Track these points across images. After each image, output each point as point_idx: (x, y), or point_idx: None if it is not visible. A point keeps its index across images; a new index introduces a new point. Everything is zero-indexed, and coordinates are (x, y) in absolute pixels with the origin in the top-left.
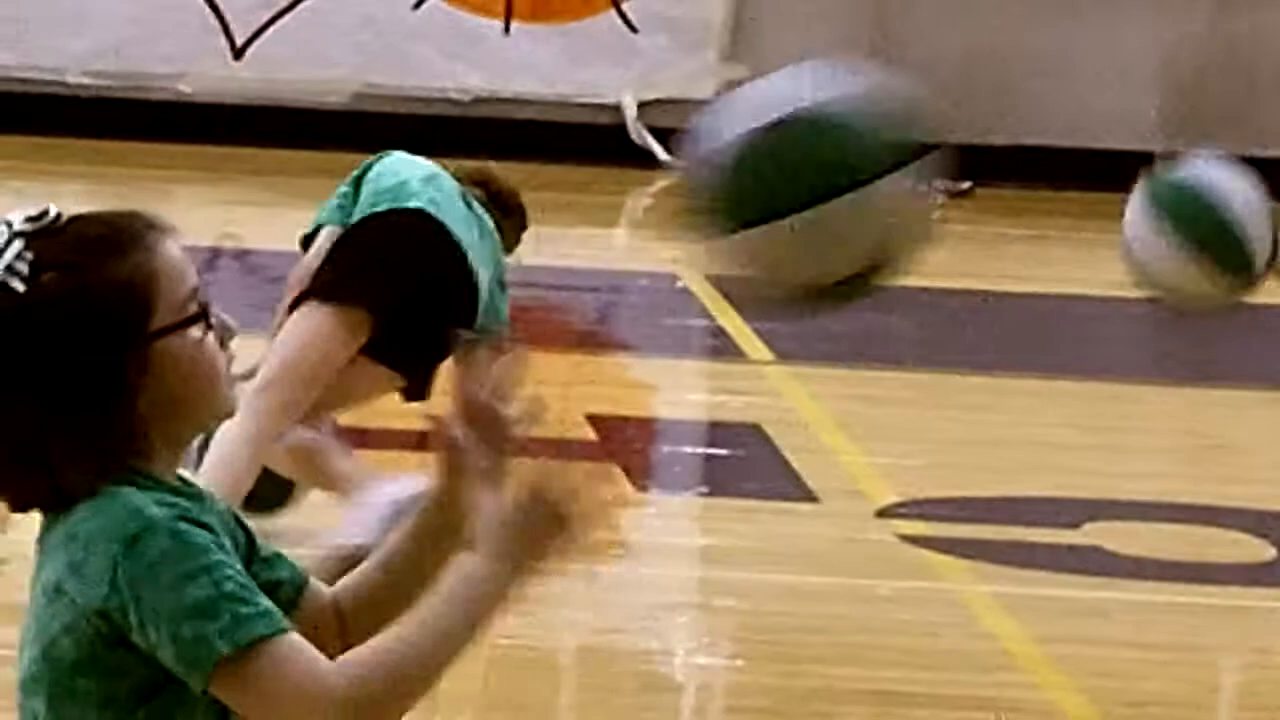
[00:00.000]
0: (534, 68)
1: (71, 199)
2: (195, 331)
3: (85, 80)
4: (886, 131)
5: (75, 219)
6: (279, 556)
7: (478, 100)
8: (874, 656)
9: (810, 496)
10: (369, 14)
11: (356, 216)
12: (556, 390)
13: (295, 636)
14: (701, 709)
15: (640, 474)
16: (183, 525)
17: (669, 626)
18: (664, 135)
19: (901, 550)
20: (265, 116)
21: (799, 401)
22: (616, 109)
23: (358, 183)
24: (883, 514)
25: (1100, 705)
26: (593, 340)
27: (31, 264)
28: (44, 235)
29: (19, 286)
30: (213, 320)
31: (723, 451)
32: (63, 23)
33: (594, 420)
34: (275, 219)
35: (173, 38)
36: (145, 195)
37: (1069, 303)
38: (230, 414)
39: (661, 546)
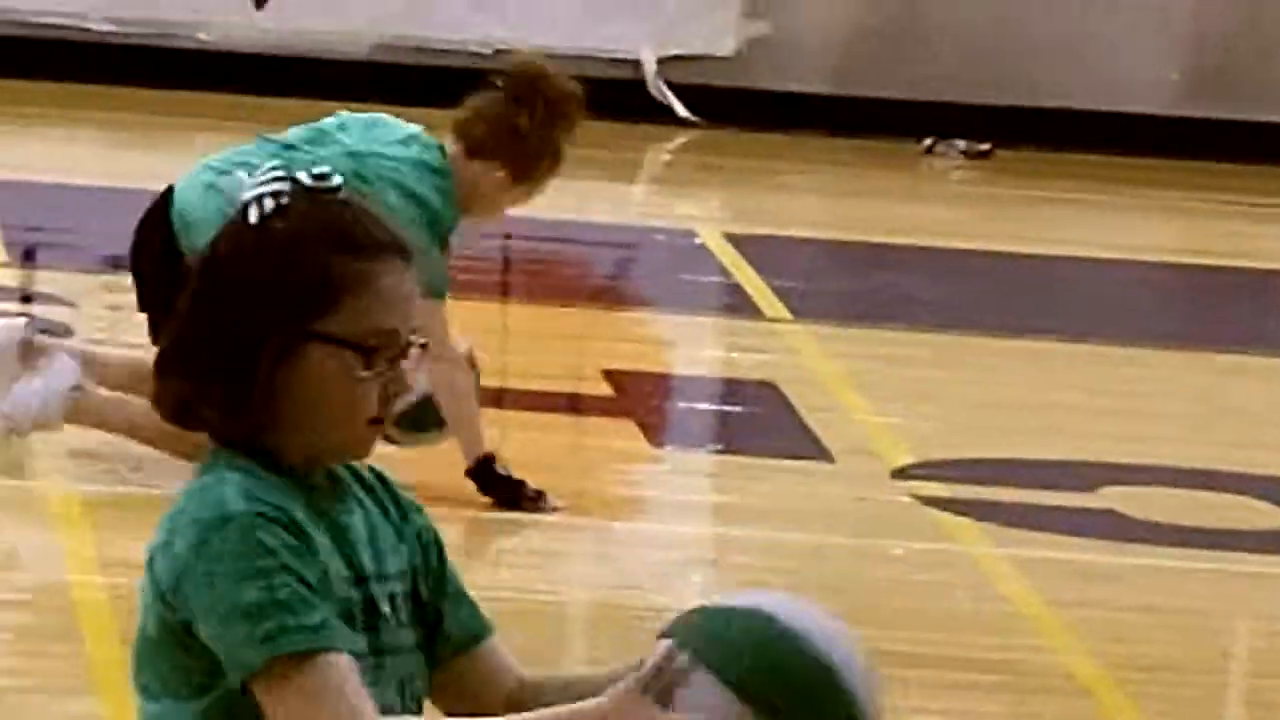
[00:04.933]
0: (556, 21)
1: (90, 145)
2: (352, 361)
3: (107, 27)
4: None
5: (347, 204)
6: (466, 601)
7: (499, 53)
8: (886, 617)
9: (825, 456)
10: None
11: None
12: (573, 345)
13: (346, 660)
14: None
15: (656, 430)
16: (259, 523)
17: (682, 583)
18: (684, 91)
19: (916, 511)
20: (285, 66)
21: (815, 360)
22: (637, 64)
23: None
24: (898, 475)
25: (1111, 669)
26: (610, 295)
27: (277, 208)
28: (310, 194)
29: (253, 217)
30: (386, 371)
31: (738, 409)
32: None
33: (610, 375)
34: None
35: None
36: (166, 143)
37: (1086, 266)
38: (358, 457)
39: (675, 503)
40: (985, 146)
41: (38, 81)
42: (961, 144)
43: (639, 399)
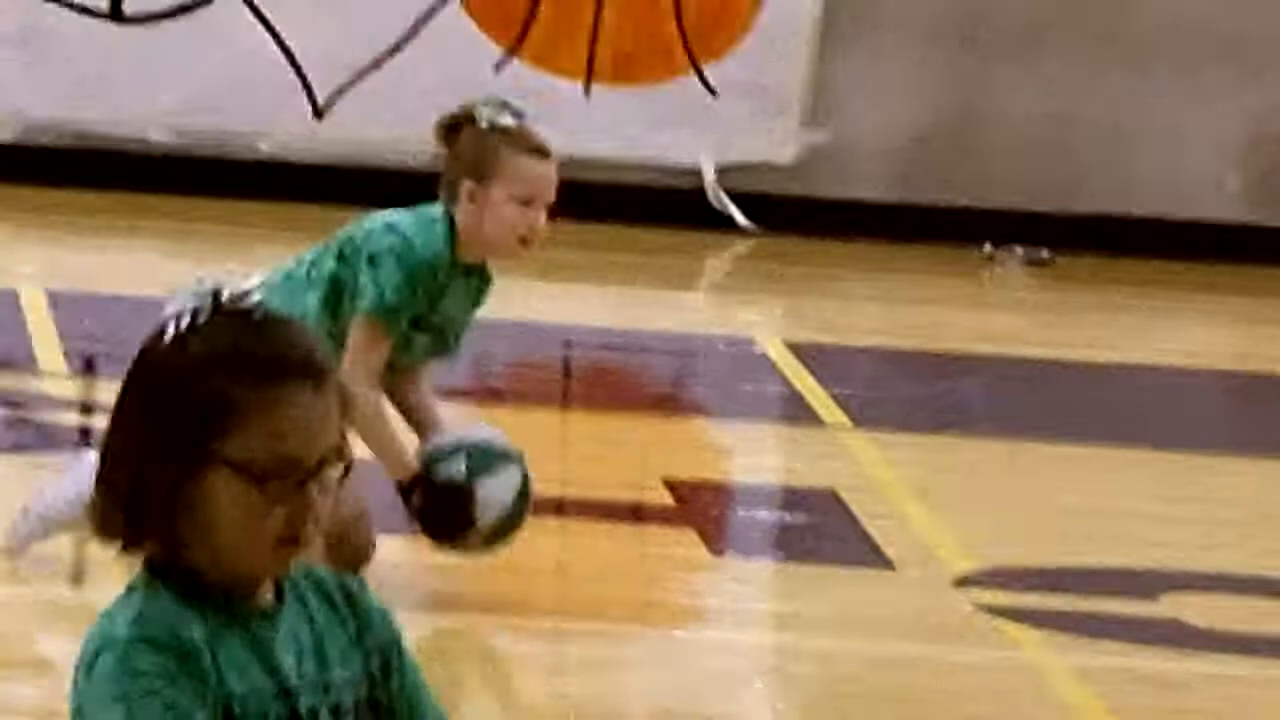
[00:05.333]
0: (614, 130)
1: (152, 255)
2: (249, 486)
3: (167, 137)
4: None
5: (265, 323)
6: (422, 713)
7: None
8: None
9: (886, 563)
10: (450, 75)
11: None
12: (634, 453)
13: None
14: None
15: (717, 538)
16: (137, 648)
17: (745, 692)
18: (744, 199)
19: (978, 619)
20: (345, 176)
21: (875, 468)
22: (696, 173)
23: None
24: (959, 582)
25: None
26: (670, 403)
27: (191, 325)
28: (229, 316)
29: (168, 335)
30: (289, 496)
31: (799, 517)
32: (147, 79)
33: (670, 484)
34: None
35: (255, 96)
36: (225, 253)
37: (1146, 372)
38: (272, 576)
39: (737, 611)
40: (1046, 254)
41: (99, 192)
42: (1021, 251)
43: (700, 507)
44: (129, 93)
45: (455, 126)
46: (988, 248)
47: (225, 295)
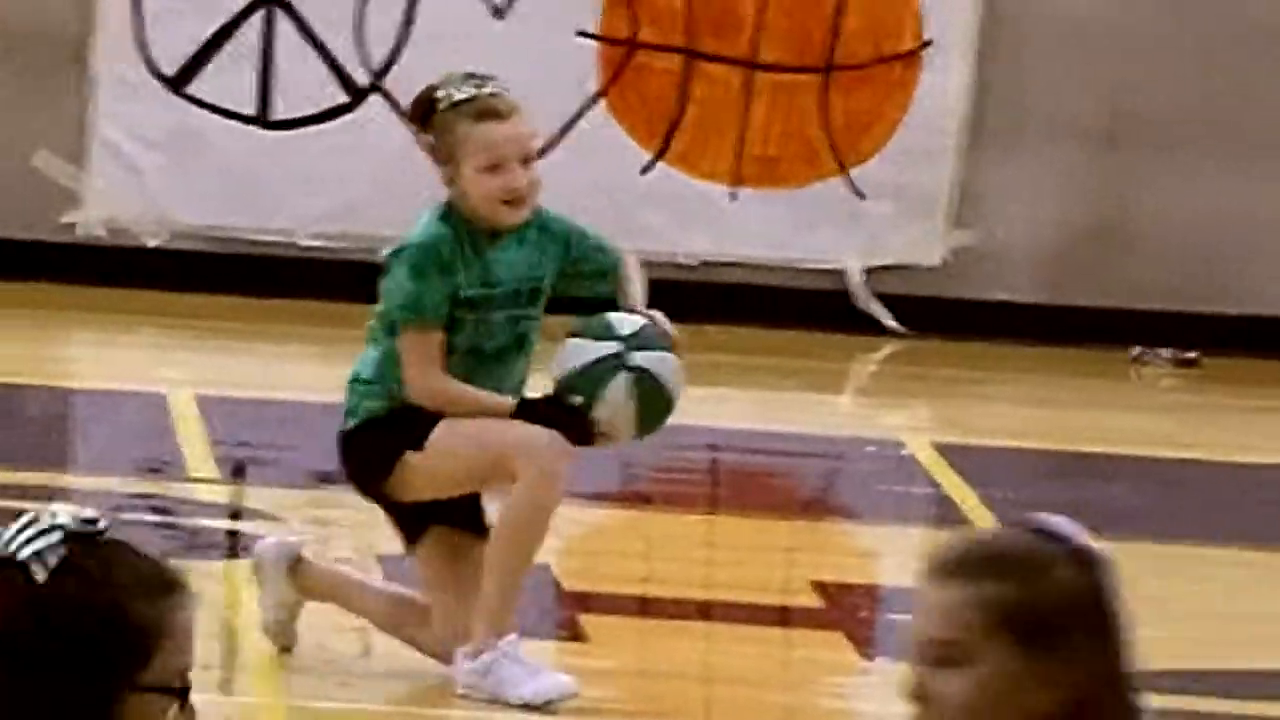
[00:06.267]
0: (760, 233)
1: (300, 361)
2: (167, 706)
3: (315, 242)
4: None
5: (120, 544)
6: None
7: (704, 265)
8: None
9: None
10: (597, 179)
11: None
12: (781, 557)
13: None
14: None
15: (865, 642)
16: None
17: None
18: (890, 301)
19: None
20: None
21: None
22: (842, 274)
23: None
24: None
25: None
26: (817, 506)
27: (62, 560)
28: (85, 540)
29: (39, 575)
30: (187, 706)
31: None
32: (295, 184)
33: (819, 587)
34: None
35: (402, 199)
36: None
37: None
38: None
39: (886, 716)
40: (1192, 355)
41: (247, 297)
42: (1169, 352)
43: (848, 610)
44: (277, 197)
45: (423, 115)
46: (1135, 349)
47: (72, 523)
